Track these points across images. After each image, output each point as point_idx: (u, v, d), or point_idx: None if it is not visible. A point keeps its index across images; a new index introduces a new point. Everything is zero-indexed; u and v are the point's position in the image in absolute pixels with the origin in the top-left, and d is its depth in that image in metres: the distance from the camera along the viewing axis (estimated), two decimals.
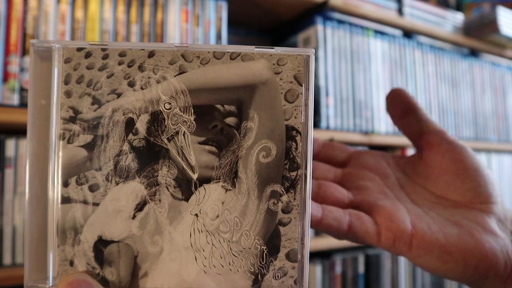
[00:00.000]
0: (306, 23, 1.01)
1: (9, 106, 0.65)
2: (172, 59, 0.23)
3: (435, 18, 1.20)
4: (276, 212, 0.24)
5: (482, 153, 1.29)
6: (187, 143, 0.23)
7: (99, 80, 0.23)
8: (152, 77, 0.23)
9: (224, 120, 0.24)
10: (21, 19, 0.67)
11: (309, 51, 0.24)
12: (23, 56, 0.67)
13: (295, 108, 0.24)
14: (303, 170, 0.24)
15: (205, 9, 0.84)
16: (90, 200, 0.23)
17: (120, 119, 0.23)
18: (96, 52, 0.23)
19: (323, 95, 0.96)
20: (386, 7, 1.10)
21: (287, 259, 0.24)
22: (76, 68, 0.23)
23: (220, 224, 0.23)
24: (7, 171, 0.65)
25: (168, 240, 0.23)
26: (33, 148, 0.23)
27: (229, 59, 0.23)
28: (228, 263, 0.23)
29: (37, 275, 0.23)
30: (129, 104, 0.23)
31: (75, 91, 0.23)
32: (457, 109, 1.23)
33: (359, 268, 1.01)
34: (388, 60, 1.09)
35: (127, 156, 0.23)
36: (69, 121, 0.23)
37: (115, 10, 0.74)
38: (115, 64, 0.23)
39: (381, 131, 1.05)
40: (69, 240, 0.23)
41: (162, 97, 0.23)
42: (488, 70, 1.33)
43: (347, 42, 1.02)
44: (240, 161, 0.23)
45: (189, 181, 0.23)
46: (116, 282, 0.23)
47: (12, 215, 0.64)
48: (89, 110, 0.23)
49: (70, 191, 0.23)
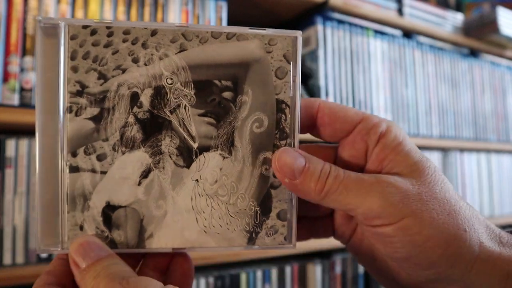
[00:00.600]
0: (306, 23, 1.01)
1: (9, 106, 0.65)
2: (173, 38, 0.25)
3: (435, 18, 1.20)
4: (268, 176, 0.26)
5: (482, 153, 1.29)
6: (188, 115, 0.25)
7: (105, 56, 0.25)
8: (155, 54, 0.25)
9: (222, 94, 0.26)
10: (21, 19, 0.67)
11: (297, 32, 0.26)
12: (24, 56, 0.67)
13: (284, 84, 0.26)
14: (291, 139, 0.26)
15: (205, 9, 0.84)
16: (98, 169, 0.25)
17: (126, 93, 0.25)
18: (101, 29, 0.25)
19: (323, 95, 0.96)
20: (386, 7, 1.10)
21: (278, 218, 0.26)
22: (82, 45, 0.24)
23: (219, 188, 0.26)
24: (7, 171, 0.65)
25: (171, 204, 0.25)
26: (42, 120, 0.24)
27: (225, 38, 0.26)
28: (226, 223, 0.26)
29: (49, 240, 0.24)
30: (134, 79, 0.25)
31: (82, 67, 0.24)
32: (457, 109, 1.23)
33: (359, 268, 1.01)
34: (388, 60, 1.09)
35: (132, 128, 0.25)
36: (76, 94, 0.24)
37: (115, 10, 0.74)
38: (120, 42, 0.25)
39: None
40: (79, 207, 0.24)
41: (165, 73, 0.25)
42: (487, 70, 1.33)
43: (347, 42, 1.02)
44: (236, 131, 0.26)
45: (190, 150, 0.26)
46: (124, 244, 0.25)
47: (12, 215, 0.64)
48: (95, 85, 0.24)
49: (78, 161, 0.24)
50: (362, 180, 0.24)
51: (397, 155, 0.25)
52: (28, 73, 0.67)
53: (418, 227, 0.23)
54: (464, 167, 1.24)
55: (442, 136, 1.18)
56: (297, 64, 0.26)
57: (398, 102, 1.10)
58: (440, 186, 0.24)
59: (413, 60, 1.15)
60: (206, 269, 0.84)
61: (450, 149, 1.21)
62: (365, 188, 0.23)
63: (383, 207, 0.23)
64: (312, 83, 0.99)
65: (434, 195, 0.24)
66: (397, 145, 0.25)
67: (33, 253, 0.65)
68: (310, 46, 1.00)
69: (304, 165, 0.24)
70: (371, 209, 0.23)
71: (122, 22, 0.25)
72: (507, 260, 0.24)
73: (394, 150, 0.25)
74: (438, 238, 0.23)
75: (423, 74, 1.16)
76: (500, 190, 1.32)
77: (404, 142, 0.25)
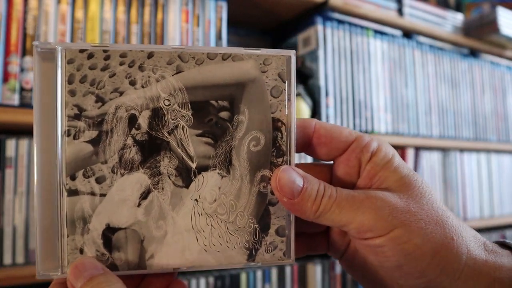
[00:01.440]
0: (306, 23, 1.01)
1: (9, 106, 0.65)
2: (170, 60, 0.26)
3: (435, 18, 1.20)
4: (266, 194, 0.27)
5: (482, 153, 1.29)
6: (185, 136, 0.26)
7: (102, 80, 0.25)
8: (152, 76, 0.25)
9: (218, 114, 0.26)
10: (21, 19, 0.67)
11: (290, 52, 0.27)
12: (24, 56, 0.67)
13: (279, 102, 0.27)
14: (288, 156, 0.27)
15: (205, 9, 0.84)
16: (97, 192, 0.25)
17: (123, 115, 0.25)
18: (98, 53, 0.25)
19: (323, 95, 0.96)
20: (386, 7, 1.10)
21: (276, 235, 0.27)
22: (79, 69, 0.25)
23: (218, 207, 0.26)
24: (7, 171, 0.65)
25: (171, 224, 0.25)
26: (40, 144, 0.24)
27: (221, 59, 0.26)
28: (226, 241, 0.26)
29: (49, 264, 0.24)
30: (131, 101, 0.25)
31: (79, 90, 0.24)
32: (457, 109, 1.23)
33: None
34: (388, 60, 1.09)
35: (131, 149, 0.25)
36: (74, 118, 0.24)
37: (115, 10, 0.74)
38: (117, 64, 0.25)
39: (381, 131, 1.05)
40: (78, 230, 0.25)
41: (162, 95, 0.25)
42: (487, 70, 1.33)
43: (347, 42, 1.02)
44: (234, 150, 0.26)
45: (188, 170, 0.26)
46: (125, 265, 0.25)
47: (12, 215, 0.64)
48: (93, 108, 0.25)
49: (77, 184, 0.25)
50: (353, 197, 0.25)
51: (386, 171, 0.26)
52: (28, 73, 0.67)
53: (407, 237, 0.24)
54: (464, 167, 1.24)
55: (442, 136, 1.18)
56: (291, 83, 0.27)
57: (398, 102, 1.10)
58: (427, 198, 0.26)
59: (413, 60, 1.15)
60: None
61: (450, 149, 1.21)
62: (356, 204, 0.25)
63: (374, 221, 0.24)
64: (312, 83, 0.99)
65: (421, 206, 0.25)
66: (387, 162, 0.27)
67: (33, 253, 0.65)
68: (310, 46, 1.00)
69: (302, 185, 0.25)
70: (362, 224, 0.24)
71: (118, 46, 0.25)
72: (493, 266, 0.25)
73: (384, 166, 0.27)
74: (426, 247, 0.24)
75: (423, 74, 1.16)
76: (500, 190, 1.32)
77: (393, 159, 0.27)
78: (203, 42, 0.83)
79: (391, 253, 0.24)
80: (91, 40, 0.72)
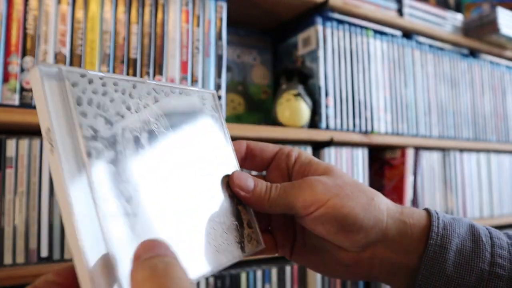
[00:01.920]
0: (306, 23, 1.01)
1: (9, 106, 0.65)
2: (148, 91, 0.30)
3: (435, 18, 1.20)
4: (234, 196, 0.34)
5: (481, 153, 1.29)
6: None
7: (105, 103, 0.26)
8: (139, 103, 0.28)
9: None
10: (21, 19, 0.67)
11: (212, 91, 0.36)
12: (24, 56, 0.67)
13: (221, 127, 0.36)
14: (238, 167, 0.35)
15: (205, 9, 0.84)
16: (129, 211, 0.24)
17: (129, 136, 0.26)
18: (96, 79, 0.26)
19: (323, 95, 0.96)
20: (386, 7, 1.10)
21: (248, 227, 0.33)
22: (84, 92, 0.25)
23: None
24: (7, 171, 0.65)
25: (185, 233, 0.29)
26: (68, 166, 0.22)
27: (179, 93, 0.32)
28: (225, 239, 0.31)
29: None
30: (132, 124, 0.27)
31: (89, 112, 0.25)
32: (457, 109, 1.23)
33: None
34: (388, 60, 1.09)
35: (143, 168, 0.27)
36: (91, 139, 0.24)
37: (115, 10, 0.74)
38: (113, 91, 0.27)
39: (380, 131, 1.05)
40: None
41: (151, 119, 0.29)
42: (487, 70, 1.33)
43: (347, 42, 1.02)
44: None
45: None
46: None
47: (12, 215, 0.64)
48: (105, 129, 0.25)
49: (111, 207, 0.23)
50: (293, 183, 0.33)
51: (311, 166, 0.35)
52: (28, 73, 0.67)
53: (341, 203, 0.31)
54: (464, 167, 1.24)
55: (442, 136, 1.18)
56: (221, 114, 0.36)
57: (398, 102, 1.10)
58: (347, 176, 0.34)
59: (412, 60, 1.15)
60: None
61: (449, 149, 1.21)
62: (296, 187, 0.32)
63: (313, 196, 0.31)
64: (312, 83, 0.99)
65: (345, 181, 0.33)
66: (309, 161, 0.35)
67: (33, 253, 0.65)
68: (310, 46, 1.00)
69: (254, 183, 0.33)
70: (305, 200, 0.31)
71: (110, 75, 0.27)
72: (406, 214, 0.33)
73: (308, 164, 0.35)
74: (358, 207, 0.31)
75: (423, 74, 1.17)
76: (500, 190, 1.32)
77: (313, 159, 0.35)
78: (203, 42, 0.83)
79: (333, 218, 0.31)
80: (92, 40, 0.72)
